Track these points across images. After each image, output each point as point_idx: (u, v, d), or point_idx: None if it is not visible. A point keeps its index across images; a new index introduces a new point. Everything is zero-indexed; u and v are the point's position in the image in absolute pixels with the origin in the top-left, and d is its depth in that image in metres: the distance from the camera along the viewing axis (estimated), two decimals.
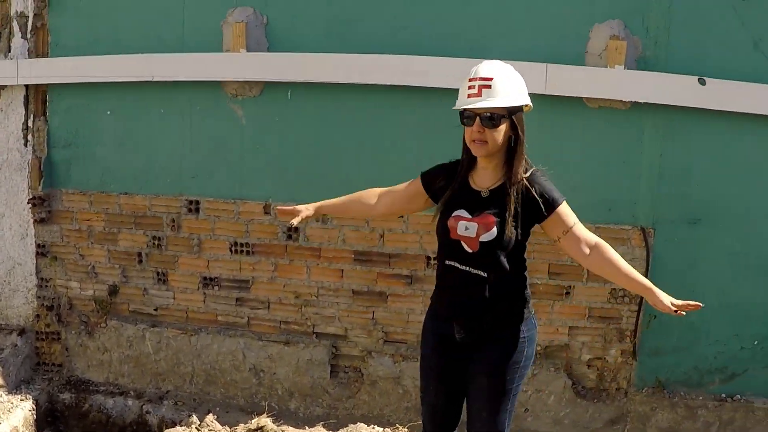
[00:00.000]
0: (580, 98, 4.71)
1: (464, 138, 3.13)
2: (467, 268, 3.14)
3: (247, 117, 5.26)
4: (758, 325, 4.92)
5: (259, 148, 5.27)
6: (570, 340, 5.05)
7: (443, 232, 3.19)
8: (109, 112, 5.54)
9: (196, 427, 4.66)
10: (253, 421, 4.48)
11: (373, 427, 4.67)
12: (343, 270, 5.27)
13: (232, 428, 4.51)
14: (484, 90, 3.00)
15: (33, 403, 5.55)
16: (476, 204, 3.13)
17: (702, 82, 4.51)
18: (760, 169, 4.74)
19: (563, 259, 4.89)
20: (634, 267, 4.66)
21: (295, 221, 3.47)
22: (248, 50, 5.06)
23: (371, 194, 3.57)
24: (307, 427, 4.66)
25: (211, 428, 4.57)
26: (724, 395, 5.00)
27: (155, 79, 5.24)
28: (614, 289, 4.90)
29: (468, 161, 3.20)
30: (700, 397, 5.00)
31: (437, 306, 3.38)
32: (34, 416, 5.54)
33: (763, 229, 4.81)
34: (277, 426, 4.43)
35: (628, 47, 4.59)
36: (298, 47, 5.04)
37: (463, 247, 3.12)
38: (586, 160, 4.82)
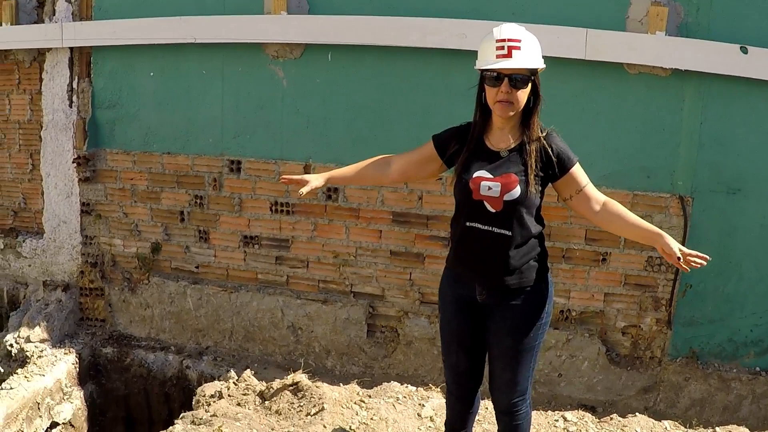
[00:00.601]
0: (620, 64, 4.76)
1: (481, 99, 3.20)
2: (490, 228, 3.18)
3: (287, 78, 5.41)
4: None
5: (300, 110, 5.43)
6: (605, 306, 5.15)
7: (465, 193, 3.20)
8: (152, 74, 5.75)
9: (233, 382, 4.85)
10: (288, 377, 4.67)
11: (406, 386, 4.82)
12: (381, 231, 5.43)
13: (269, 383, 4.70)
14: (514, 51, 3.03)
15: (76, 356, 5.84)
16: (496, 164, 3.18)
17: (744, 51, 4.54)
18: None
19: None
20: (671, 235, 4.82)
21: (303, 191, 3.48)
22: (289, 12, 5.20)
23: (383, 161, 3.60)
24: (341, 384, 4.82)
25: (247, 383, 4.77)
26: (758, 368, 5.07)
27: (197, 41, 5.42)
28: (651, 256, 4.99)
29: (482, 123, 3.28)
30: (734, 370, 5.07)
31: (457, 269, 3.43)
32: (77, 369, 5.83)
33: None
34: (312, 382, 4.61)
35: (670, 13, 4.61)
36: (339, 10, 5.16)
37: (486, 207, 3.15)
38: (625, 126, 4.88)
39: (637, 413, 4.72)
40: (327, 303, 5.59)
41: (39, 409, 5.35)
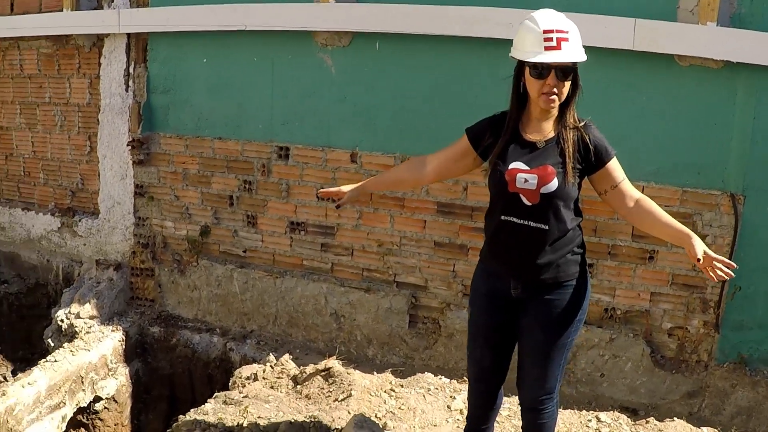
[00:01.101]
0: (670, 55, 4.69)
1: (518, 88, 3.22)
2: (526, 222, 3.17)
3: (336, 66, 5.53)
4: None
5: (348, 98, 5.54)
6: (651, 306, 5.09)
7: (500, 185, 3.19)
8: (204, 60, 5.96)
9: (270, 366, 5.05)
10: (322, 362, 4.81)
11: (440, 378, 4.91)
12: (425, 221, 5.49)
13: (302, 368, 4.87)
14: (563, 43, 3.02)
15: (123, 334, 6.11)
16: (533, 156, 3.17)
17: None
18: None
19: None
20: (721, 234, 4.83)
21: (340, 203, 3.68)
22: (337, 0, 5.32)
23: (418, 162, 3.65)
24: (375, 373, 4.93)
25: (282, 367, 4.95)
26: None
27: (248, 28, 5.59)
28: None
29: (518, 113, 3.26)
30: None
31: (491, 263, 3.42)
32: (124, 346, 6.08)
33: None
34: (345, 369, 4.74)
35: (722, 3, 4.51)
36: None
37: (521, 200, 3.15)
38: (674, 120, 4.80)
39: (675, 418, 4.70)
40: (370, 291, 5.69)
41: (82, 382, 5.61)
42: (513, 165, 3.17)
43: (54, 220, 6.87)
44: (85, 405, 5.73)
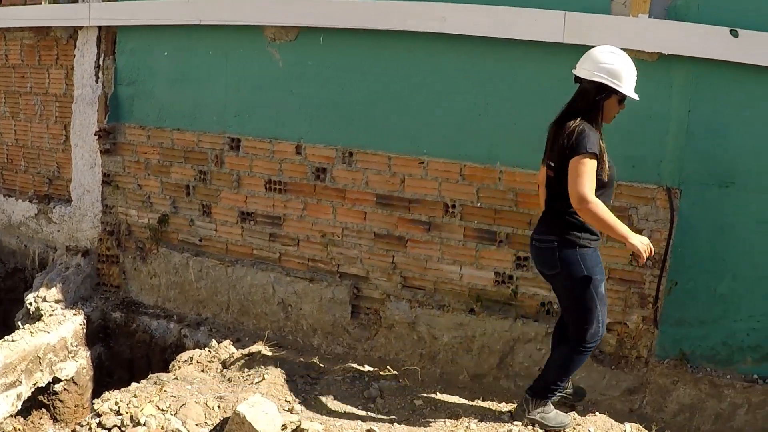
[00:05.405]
0: None
1: (605, 108, 3.71)
2: None
3: (283, 60, 5.25)
4: None
5: (294, 91, 5.25)
6: None
7: (613, 178, 3.81)
8: (166, 54, 5.71)
9: (208, 350, 4.85)
10: (247, 348, 4.55)
11: (365, 366, 4.58)
12: (366, 212, 5.16)
13: (231, 353, 4.69)
14: None
15: (84, 318, 5.85)
16: None
17: (734, 34, 4.00)
18: None
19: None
20: (657, 229, 4.48)
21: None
22: None
23: None
24: (302, 359, 4.64)
25: (216, 352, 4.78)
26: (755, 376, 4.44)
27: (202, 23, 5.35)
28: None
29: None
30: (728, 376, 4.47)
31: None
32: (85, 330, 5.82)
33: None
34: (272, 355, 4.45)
35: None
36: None
37: None
38: None
39: (597, 413, 4.28)
40: (314, 281, 5.36)
41: (40, 363, 5.39)
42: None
43: (32, 206, 6.65)
44: (44, 385, 5.49)
